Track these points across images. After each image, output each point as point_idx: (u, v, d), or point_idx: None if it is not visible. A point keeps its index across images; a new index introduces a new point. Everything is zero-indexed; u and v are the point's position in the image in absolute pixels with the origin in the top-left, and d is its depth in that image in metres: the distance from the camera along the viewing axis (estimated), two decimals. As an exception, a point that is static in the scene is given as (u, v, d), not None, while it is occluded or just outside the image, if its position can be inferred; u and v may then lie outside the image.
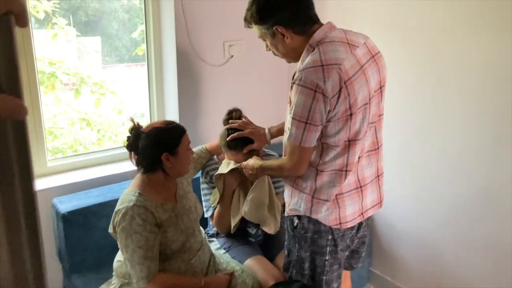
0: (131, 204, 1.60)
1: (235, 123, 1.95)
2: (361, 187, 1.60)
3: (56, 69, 2.66)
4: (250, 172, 1.80)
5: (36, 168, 2.19)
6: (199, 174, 2.12)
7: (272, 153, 2.15)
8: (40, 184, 2.13)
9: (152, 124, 1.72)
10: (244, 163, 1.85)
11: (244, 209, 1.91)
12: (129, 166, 2.30)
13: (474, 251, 2.21)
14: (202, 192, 2.09)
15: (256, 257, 1.99)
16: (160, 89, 2.57)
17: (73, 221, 2.00)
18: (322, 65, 1.40)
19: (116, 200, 2.07)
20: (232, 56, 2.61)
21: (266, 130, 1.95)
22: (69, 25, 2.57)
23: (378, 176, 1.66)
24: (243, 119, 2.00)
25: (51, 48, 2.68)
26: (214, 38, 2.54)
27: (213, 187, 2.03)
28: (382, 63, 1.56)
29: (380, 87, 1.55)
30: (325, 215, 1.56)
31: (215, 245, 2.10)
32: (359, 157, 1.56)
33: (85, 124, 2.94)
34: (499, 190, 2.05)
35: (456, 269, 2.30)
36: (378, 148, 1.63)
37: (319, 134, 1.47)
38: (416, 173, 2.38)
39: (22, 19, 0.48)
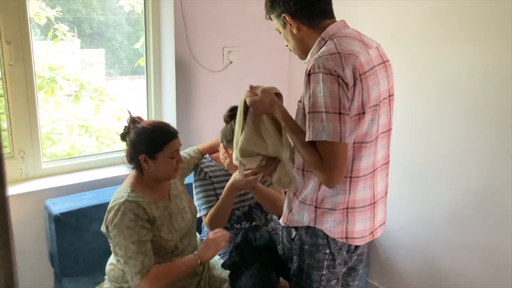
0: (123, 199, 1.61)
1: None
2: (374, 203, 1.54)
3: (56, 75, 2.73)
4: (262, 100, 1.50)
5: (31, 169, 2.24)
6: (191, 179, 2.14)
7: None
8: (34, 186, 2.17)
9: (145, 121, 1.76)
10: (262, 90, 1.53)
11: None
12: (124, 170, 2.35)
13: (474, 261, 2.19)
14: (194, 191, 2.09)
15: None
16: (158, 94, 2.62)
17: (65, 223, 2.02)
18: (339, 53, 1.35)
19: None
20: (231, 62, 2.65)
21: None
22: (74, 36, 2.65)
23: (386, 192, 1.62)
24: None
25: (53, 57, 2.77)
26: (213, 44, 2.58)
27: (207, 184, 2.04)
28: (391, 71, 1.55)
29: (389, 96, 1.52)
30: (330, 226, 1.49)
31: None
32: (374, 170, 1.50)
33: (84, 131, 2.98)
34: (500, 199, 2.05)
35: (456, 280, 2.28)
36: (387, 162, 1.60)
37: None
38: (414, 181, 2.38)
39: None
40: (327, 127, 1.30)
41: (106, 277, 1.82)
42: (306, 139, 1.35)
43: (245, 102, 1.55)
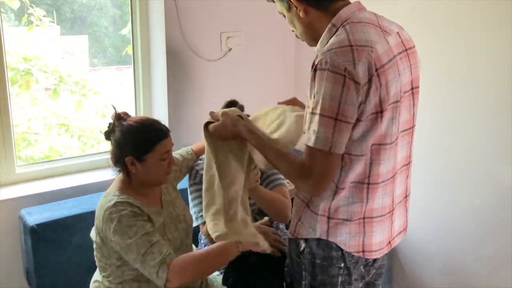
0: (112, 202, 1.59)
1: None
2: (392, 210, 1.52)
3: (32, 66, 2.67)
4: (224, 123, 1.59)
5: (4, 175, 2.21)
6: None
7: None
8: (7, 193, 2.14)
9: (132, 118, 1.72)
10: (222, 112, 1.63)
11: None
12: (109, 174, 2.30)
13: (508, 273, 2.15)
14: (190, 197, 2.05)
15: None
16: (148, 87, 2.59)
17: (42, 236, 1.98)
18: (351, 45, 1.31)
19: (93, 212, 2.04)
20: (230, 50, 2.62)
21: None
22: (52, 21, 2.59)
23: (406, 196, 1.59)
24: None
25: (29, 45, 2.71)
26: (209, 29, 2.55)
27: None
28: (415, 60, 1.50)
29: (412, 89, 1.48)
30: (345, 239, 1.46)
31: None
32: (394, 174, 1.48)
33: (64, 130, 2.94)
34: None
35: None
36: (409, 163, 1.56)
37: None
38: (440, 184, 2.36)
39: None
40: (318, 131, 1.30)
41: (90, 297, 1.78)
42: (304, 142, 1.35)
43: (207, 132, 1.63)
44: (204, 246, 2.17)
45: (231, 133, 1.58)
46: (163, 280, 1.51)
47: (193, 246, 1.96)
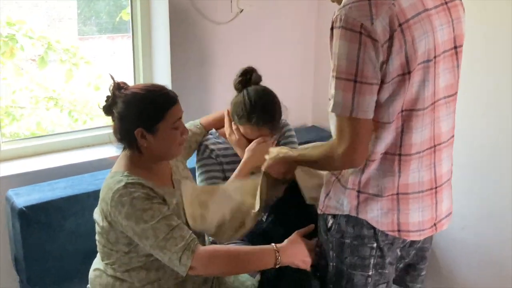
0: (122, 183, 1.59)
1: None
2: (436, 187, 1.52)
3: (16, 31, 2.69)
4: (278, 170, 1.71)
5: None
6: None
7: (292, 133, 2.15)
8: None
9: (134, 86, 1.72)
10: (268, 159, 1.74)
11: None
12: (106, 152, 2.33)
13: None
14: (197, 173, 2.07)
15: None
16: (148, 57, 2.58)
17: (32, 219, 2.00)
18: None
19: (88, 194, 2.09)
20: (241, 11, 2.61)
21: None
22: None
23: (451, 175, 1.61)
24: None
25: (11, 9, 2.71)
26: None
27: (213, 164, 2.04)
28: (458, 14, 1.48)
29: (455, 48, 1.48)
30: (377, 215, 1.48)
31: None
32: (434, 145, 1.49)
33: (53, 104, 2.94)
34: None
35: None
36: (453, 136, 1.57)
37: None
38: (481, 170, 2.36)
39: None
40: (336, 96, 1.34)
41: (89, 286, 1.79)
42: (331, 111, 1.39)
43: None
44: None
45: (288, 174, 1.72)
46: (186, 267, 1.54)
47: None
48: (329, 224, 1.56)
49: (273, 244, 1.64)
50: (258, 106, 1.92)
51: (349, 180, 1.49)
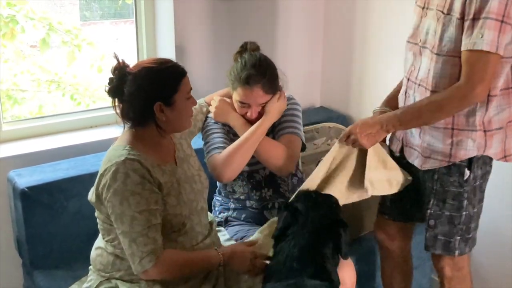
0: (122, 158, 1.59)
1: None
2: None
3: (16, 12, 2.66)
4: (369, 132, 1.76)
5: None
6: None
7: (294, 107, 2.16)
8: None
9: (141, 63, 1.70)
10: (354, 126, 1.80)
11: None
12: (109, 133, 2.33)
13: None
14: (203, 140, 2.11)
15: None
16: (152, 41, 2.56)
17: (35, 200, 2.00)
18: None
19: (91, 175, 2.06)
20: (246, -10, 2.61)
21: None
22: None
23: None
24: None
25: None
26: None
27: (221, 127, 2.09)
28: None
29: None
30: (495, 147, 1.68)
31: (224, 236, 2.08)
32: None
33: (55, 87, 2.93)
34: None
35: None
36: None
37: None
38: None
39: None
40: (486, 34, 1.51)
41: (91, 267, 1.78)
42: (462, 48, 1.55)
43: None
44: (219, 213, 2.20)
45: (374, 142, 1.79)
46: (142, 269, 1.56)
47: (209, 213, 1.98)
48: (466, 176, 1.71)
49: (220, 254, 1.72)
50: (248, 65, 1.98)
51: (476, 123, 1.65)
